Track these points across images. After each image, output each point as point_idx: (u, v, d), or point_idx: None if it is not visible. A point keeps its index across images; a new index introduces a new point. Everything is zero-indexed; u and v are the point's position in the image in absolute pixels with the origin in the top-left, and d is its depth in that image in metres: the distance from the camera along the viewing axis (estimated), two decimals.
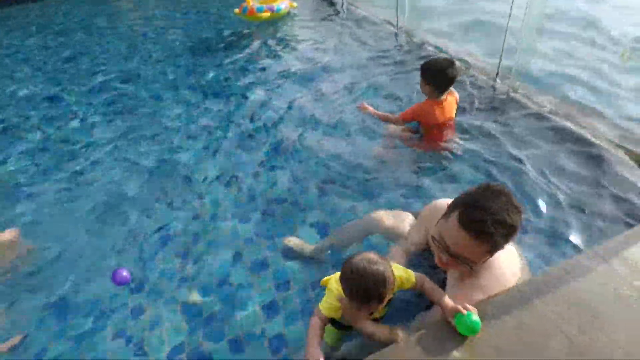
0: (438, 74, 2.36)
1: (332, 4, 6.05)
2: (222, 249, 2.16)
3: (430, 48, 3.95)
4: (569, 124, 2.60)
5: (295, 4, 5.73)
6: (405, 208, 1.98)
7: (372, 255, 1.27)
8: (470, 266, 1.29)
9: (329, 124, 3.02)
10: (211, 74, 4.11)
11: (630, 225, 1.91)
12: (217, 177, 2.66)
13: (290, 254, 2.08)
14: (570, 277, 1.40)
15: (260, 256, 2.11)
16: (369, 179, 2.47)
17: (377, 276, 1.21)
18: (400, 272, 1.36)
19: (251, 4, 5.28)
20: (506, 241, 1.25)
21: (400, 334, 1.29)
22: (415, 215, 1.84)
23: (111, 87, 4.06)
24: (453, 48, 3.81)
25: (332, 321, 1.39)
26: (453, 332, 1.24)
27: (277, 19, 5.52)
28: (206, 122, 3.28)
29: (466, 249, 1.25)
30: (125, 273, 1.88)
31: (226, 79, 4.03)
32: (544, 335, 1.23)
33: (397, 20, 4.64)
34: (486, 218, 1.19)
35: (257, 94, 3.60)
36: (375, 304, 1.24)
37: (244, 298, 1.91)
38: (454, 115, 2.59)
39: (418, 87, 2.59)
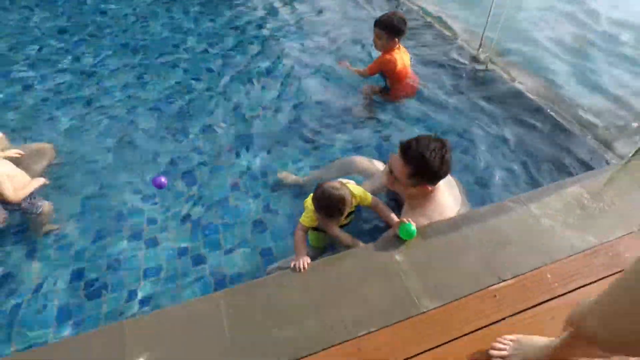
0: (389, 23, 2.72)
1: None
2: (223, 178, 2.54)
3: (422, 14, 4.13)
4: (534, 96, 2.91)
5: None
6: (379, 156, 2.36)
7: (336, 183, 1.71)
8: (397, 179, 1.72)
9: (324, 75, 3.35)
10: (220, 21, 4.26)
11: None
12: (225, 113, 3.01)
13: (282, 184, 2.47)
14: (496, 214, 1.80)
15: (257, 184, 2.49)
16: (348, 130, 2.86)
17: (337, 197, 1.66)
18: (360, 192, 1.82)
19: None
20: (421, 173, 1.65)
21: (360, 242, 1.72)
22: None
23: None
24: (444, 14, 4.01)
25: (314, 228, 1.84)
26: (398, 242, 1.66)
27: None
28: (211, 66, 3.53)
29: (396, 168, 1.70)
30: (163, 179, 2.24)
31: (236, 28, 4.17)
32: (464, 252, 1.65)
33: None
34: (413, 145, 1.63)
35: (265, 43, 3.81)
36: (337, 217, 1.70)
37: (242, 214, 2.31)
38: (409, 64, 2.96)
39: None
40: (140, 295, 1.96)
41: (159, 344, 1.38)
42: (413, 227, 1.63)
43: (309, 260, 1.61)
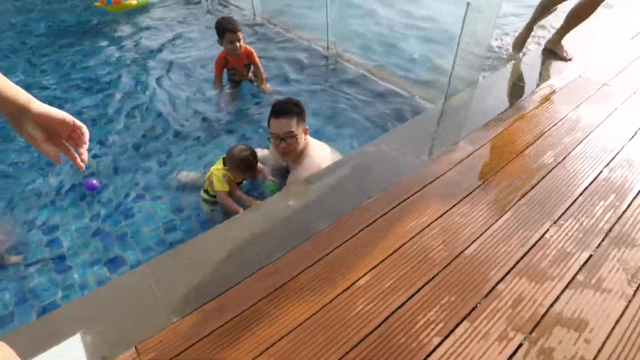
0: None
1: None
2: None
3: (276, 29, 4.81)
4: (369, 74, 3.70)
5: None
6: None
7: (241, 145, 2.25)
8: (296, 138, 2.14)
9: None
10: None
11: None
12: None
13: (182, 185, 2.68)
14: (360, 155, 2.32)
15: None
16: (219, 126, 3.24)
17: (253, 154, 2.21)
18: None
19: None
20: (300, 117, 2.16)
21: (256, 201, 2.08)
22: None
23: None
24: (294, 26, 4.74)
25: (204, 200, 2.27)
26: (289, 194, 2.04)
27: (142, 8, 5.72)
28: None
29: (284, 126, 2.11)
30: (95, 182, 2.50)
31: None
32: (341, 184, 2.11)
33: (253, 9, 5.35)
34: (283, 104, 2.15)
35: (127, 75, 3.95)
36: (253, 170, 2.24)
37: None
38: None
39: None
40: None
41: (96, 318, 1.50)
42: (273, 184, 2.38)
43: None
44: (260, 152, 2.56)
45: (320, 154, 2.29)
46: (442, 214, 1.91)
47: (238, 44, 3.26)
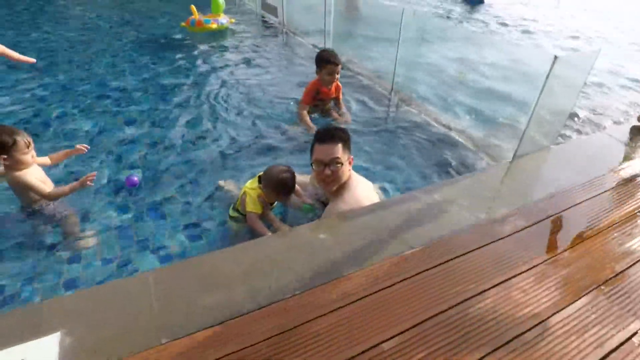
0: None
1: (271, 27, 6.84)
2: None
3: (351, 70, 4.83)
4: (433, 122, 3.48)
5: (234, 20, 6.47)
6: None
7: (283, 167, 2.10)
8: (341, 165, 1.95)
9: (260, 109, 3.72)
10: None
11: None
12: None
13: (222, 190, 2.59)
14: (406, 200, 2.08)
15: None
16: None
17: (292, 176, 2.08)
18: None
19: (198, 17, 5.85)
20: (346, 145, 1.99)
21: (286, 226, 1.88)
22: None
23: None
24: (362, 65, 4.73)
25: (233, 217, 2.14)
26: (322, 225, 1.83)
27: (220, 32, 6.17)
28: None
29: (330, 152, 1.93)
30: (135, 178, 2.47)
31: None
32: (379, 229, 1.86)
33: (325, 45, 5.49)
34: (329, 130, 2.00)
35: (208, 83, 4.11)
36: (289, 194, 2.10)
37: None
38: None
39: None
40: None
41: (80, 320, 1.34)
42: (310, 206, 2.27)
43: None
44: (300, 177, 2.40)
45: (362, 189, 2.07)
46: (498, 283, 1.58)
47: (336, 77, 3.33)
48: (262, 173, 2.18)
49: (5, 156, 2.07)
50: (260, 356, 1.27)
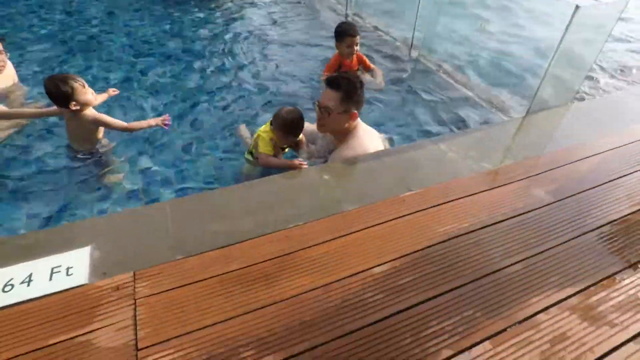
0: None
1: None
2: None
3: (364, 23, 4.78)
4: (450, 80, 3.44)
5: None
6: None
7: (291, 108, 2.18)
8: (329, 113, 2.01)
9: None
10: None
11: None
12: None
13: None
14: (412, 148, 2.14)
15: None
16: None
17: (300, 117, 2.19)
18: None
19: None
20: (349, 95, 2.00)
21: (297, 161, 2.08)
22: None
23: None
24: (386, 24, 4.65)
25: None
26: (327, 167, 1.93)
27: None
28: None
29: (329, 99, 2.00)
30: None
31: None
32: (382, 172, 1.95)
33: (346, 4, 5.38)
34: (336, 77, 2.02)
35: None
36: (299, 133, 2.19)
37: None
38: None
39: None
40: None
41: (107, 238, 1.53)
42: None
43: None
44: (310, 126, 2.49)
45: (368, 138, 2.14)
46: (489, 224, 1.65)
47: (356, 48, 3.30)
48: None
49: (74, 102, 2.23)
50: (261, 273, 1.42)
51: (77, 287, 1.34)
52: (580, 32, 2.35)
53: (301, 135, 2.31)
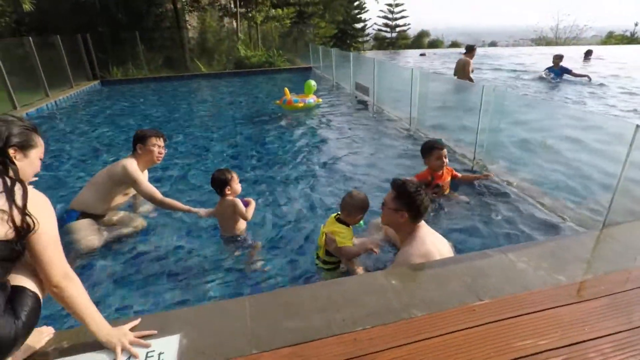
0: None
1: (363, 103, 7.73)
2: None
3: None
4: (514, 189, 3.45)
5: (320, 100, 7.72)
6: None
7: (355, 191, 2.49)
8: (384, 205, 2.33)
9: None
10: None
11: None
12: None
13: None
14: (478, 257, 2.16)
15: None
16: None
17: (365, 197, 2.50)
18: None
19: (289, 97, 7.03)
20: (399, 198, 2.25)
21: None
22: None
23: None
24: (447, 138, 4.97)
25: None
26: (395, 272, 2.02)
27: (309, 109, 7.49)
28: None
29: (387, 197, 2.33)
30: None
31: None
32: (450, 280, 1.97)
33: (410, 121, 5.94)
34: (398, 179, 2.29)
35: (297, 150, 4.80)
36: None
37: None
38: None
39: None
40: None
41: (195, 327, 1.71)
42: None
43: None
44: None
45: (431, 241, 2.22)
46: (573, 343, 1.55)
47: (445, 161, 3.42)
48: (336, 214, 2.53)
49: (229, 187, 2.79)
50: None
51: None
52: None
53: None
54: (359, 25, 24.45)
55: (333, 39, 22.07)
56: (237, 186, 2.87)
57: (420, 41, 27.82)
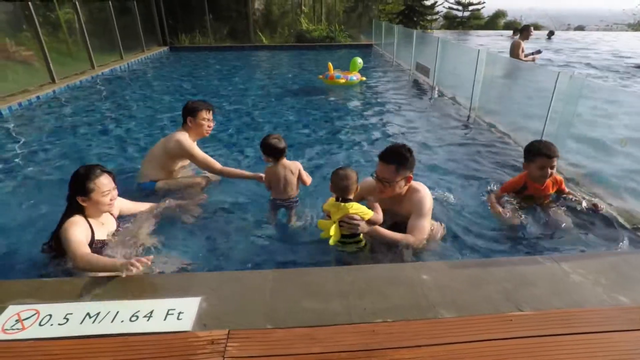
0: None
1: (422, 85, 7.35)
2: None
3: (489, 129, 4.73)
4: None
5: (364, 78, 7.62)
6: None
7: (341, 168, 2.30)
8: (389, 184, 2.27)
9: None
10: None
11: None
12: None
13: None
14: (524, 263, 1.94)
15: None
16: None
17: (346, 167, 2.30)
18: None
19: (332, 72, 7.16)
20: (401, 166, 2.25)
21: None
22: None
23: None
24: (505, 127, 4.55)
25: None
26: (427, 266, 1.87)
27: (350, 86, 7.43)
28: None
29: (383, 171, 2.27)
30: None
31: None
32: (488, 284, 1.79)
33: (470, 105, 5.52)
34: (389, 150, 2.31)
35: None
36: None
37: None
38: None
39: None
40: None
41: (215, 293, 1.72)
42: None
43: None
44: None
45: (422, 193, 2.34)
46: None
47: (550, 171, 2.73)
48: (333, 199, 2.28)
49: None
50: None
51: (181, 332, 1.52)
52: None
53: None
54: (428, 2, 23.02)
55: (399, 16, 20.99)
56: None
57: (495, 22, 25.57)
